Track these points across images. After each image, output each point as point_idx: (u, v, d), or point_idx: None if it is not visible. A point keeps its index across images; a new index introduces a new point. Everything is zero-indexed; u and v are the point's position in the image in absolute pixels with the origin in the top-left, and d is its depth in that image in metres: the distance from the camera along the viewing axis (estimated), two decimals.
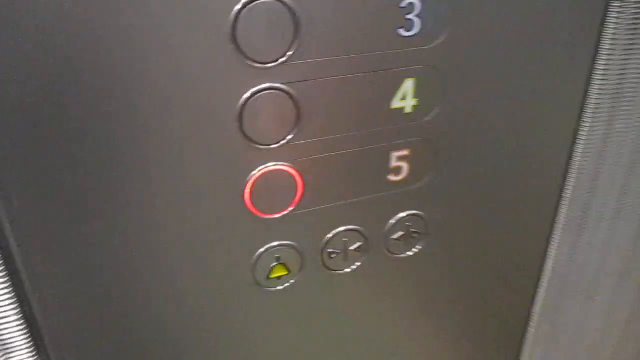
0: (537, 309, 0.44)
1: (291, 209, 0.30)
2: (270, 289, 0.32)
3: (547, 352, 0.48)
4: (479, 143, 0.33)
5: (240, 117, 0.26)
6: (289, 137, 0.28)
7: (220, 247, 0.29)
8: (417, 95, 0.29)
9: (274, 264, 0.31)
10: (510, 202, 0.37)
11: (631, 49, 0.33)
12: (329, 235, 0.32)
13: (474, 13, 0.28)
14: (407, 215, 0.33)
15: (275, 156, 0.28)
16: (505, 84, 0.31)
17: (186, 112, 0.25)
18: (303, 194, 0.30)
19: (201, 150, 0.26)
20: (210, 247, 0.29)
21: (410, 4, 0.27)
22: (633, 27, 0.32)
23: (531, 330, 0.45)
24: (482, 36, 0.29)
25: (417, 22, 0.27)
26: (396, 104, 0.29)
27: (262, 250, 0.30)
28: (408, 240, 0.34)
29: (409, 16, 0.27)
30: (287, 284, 0.32)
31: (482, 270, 0.39)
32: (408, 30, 0.27)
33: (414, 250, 0.35)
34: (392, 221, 0.33)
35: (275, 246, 0.31)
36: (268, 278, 0.31)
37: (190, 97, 0.25)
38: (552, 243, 0.40)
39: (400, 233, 0.34)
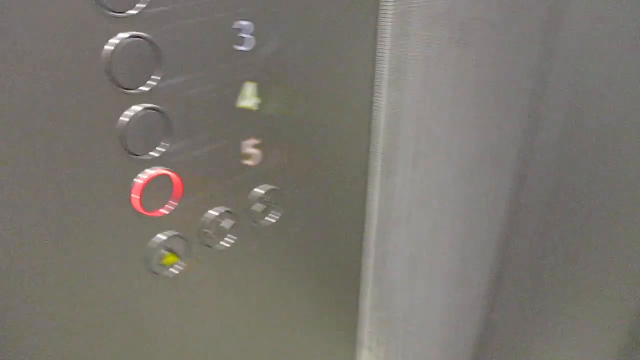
0: (368, 240, 0.55)
1: (173, 204, 0.35)
2: (166, 275, 0.37)
3: (382, 275, 0.60)
4: (310, 125, 0.41)
5: (123, 136, 0.31)
6: (165, 145, 0.33)
7: (118, 248, 0.34)
8: (259, 95, 0.36)
9: (165, 253, 0.37)
10: (336, 163, 0.46)
11: (403, 38, 0.45)
12: (206, 220, 0.38)
13: (289, 29, 0.36)
14: (265, 191, 0.41)
15: (155, 163, 0.33)
16: (319, 78, 0.40)
17: (76, 139, 0.29)
18: (180, 191, 0.35)
19: (90, 167, 0.30)
20: (110, 249, 0.33)
21: (241, 25, 0.34)
22: (402, 20, 0.43)
23: (369, 261, 0.57)
24: (298, 45, 0.37)
25: (249, 39, 0.34)
26: (243, 103, 0.36)
27: (153, 243, 0.36)
28: (268, 210, 0.42)
29: (242, 35, 0.34)
30: (180, 268, 0.38)
31: (326, 219, 0.48)
32: (243, 46, 0.34)
33: (274, 217, 0.43)
34: (254, 197, 0.41)
35: (164, 238, 0.36)
36: (162, 266, 0.37)
37: (75, 126, 0.29)
38: (371, 187, 0.52)
39: (262, 206, 0.41)
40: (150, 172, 0.33)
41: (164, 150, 0.33)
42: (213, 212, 0.38)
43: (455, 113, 0.54)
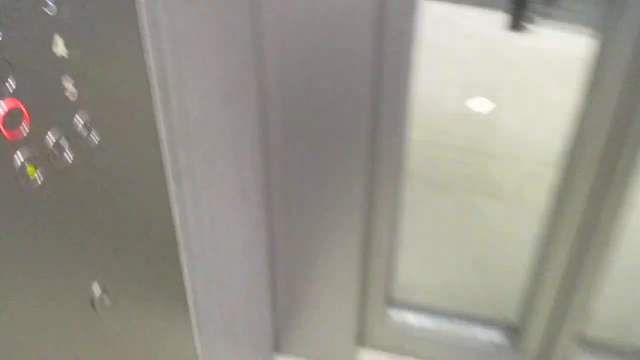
0: (171, 166, 0.74)
1: (25, 129, 0.50)
2: (30, 186, 0.51)
3: (182, 191, 0.79)
4: (104, 73, 0.58)
5: None
6: (13, 81, 0.47)
7: None
8: (67, 45, 0.53)
9: (27, 166, 0.50)
10: (126, 94, 0.64)
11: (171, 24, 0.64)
12: (49, 140, 0.53)
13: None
14: (85, 119, 0.57)
15: (8, 95, 0.47)
16: (103, 39, 0.58)
17: None
18: (29, 119, 0.50)
19: None
20: None
21: None
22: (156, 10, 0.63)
23: (173, 183, 0.75)
24: (85, 11, 0.54)
25: (52, 6, 0.51)
26: (57, 51, 0.52)
27: (17, 160, 0.49)
28: (88, 133, 0.58)
29: (47, 1, 0.50)
30: (41, 179, 0.52)
31: (133, 144, 0.66)
32: (47, 8, 0.50)
33: (96, 139, 0.59)
34: (78, 122, 0.56)
35: (25, 156, 0.50)
36: (26, 178, 0.50)
37: None
38: (162, 132, 0.71)
39: (86, 130, 0.57)
40: (5, 104, 0.47)
41: (13, 86, 0.47)
42: (53, 136, 0.53)
43: (211, 66, 0.76)
